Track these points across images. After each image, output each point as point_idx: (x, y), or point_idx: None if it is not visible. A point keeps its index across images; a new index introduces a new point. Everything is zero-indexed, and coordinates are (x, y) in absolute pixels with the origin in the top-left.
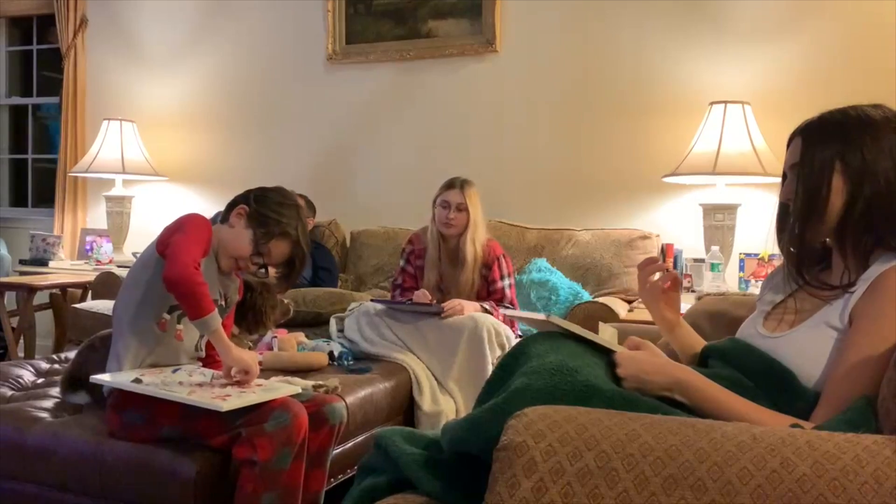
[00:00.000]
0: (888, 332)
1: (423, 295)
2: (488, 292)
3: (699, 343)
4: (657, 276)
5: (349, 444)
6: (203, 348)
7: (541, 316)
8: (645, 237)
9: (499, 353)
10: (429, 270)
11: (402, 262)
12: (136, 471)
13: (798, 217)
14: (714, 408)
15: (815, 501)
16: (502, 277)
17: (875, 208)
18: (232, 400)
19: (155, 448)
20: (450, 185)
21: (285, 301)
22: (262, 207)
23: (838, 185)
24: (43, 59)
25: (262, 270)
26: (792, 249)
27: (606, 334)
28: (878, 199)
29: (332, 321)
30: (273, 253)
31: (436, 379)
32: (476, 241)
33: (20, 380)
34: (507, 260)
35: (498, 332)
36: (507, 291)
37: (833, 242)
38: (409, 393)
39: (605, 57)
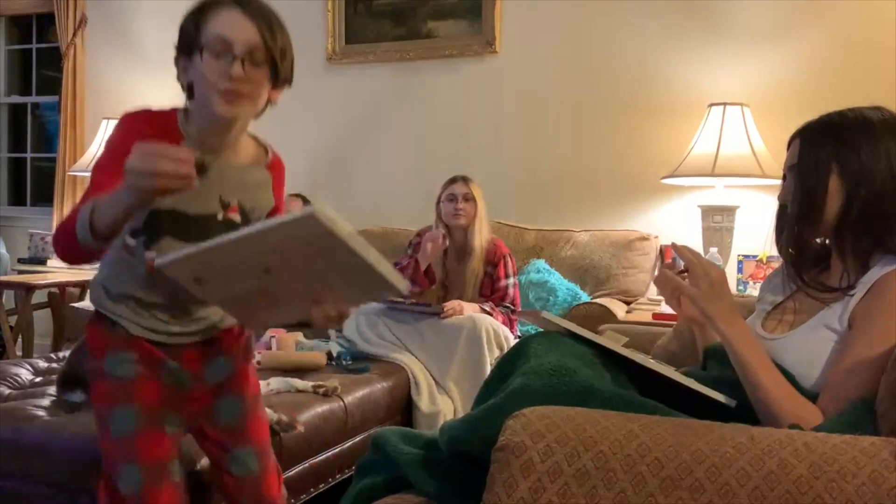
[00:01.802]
0: (888, 334)
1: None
2: (492, 290)
3: None
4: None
5: (347, 444)
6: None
7: (536, 312)
8: (643, 238)
9: (497, 353)
10: (433, 269)
11: (409, 251)
12: None
13: (795, 218)
14: (754, 363)
15: (812, 503)
16: (507, 276)
17: (872, 210)
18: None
19: None
20: (452, 180)
21: None
22: (178, 35)
23: (835, 187)
24: (42, 58)
25: (240, 66)
26: (790, 250)
27: (620, 342)
28: (875, 202)
29: None
30: (227, 35)
31: (434, 379)
32: (481, 232)
33: (18, 378)
34: (512, 260)
35: (496, 332)
36: (510, 291)
37: (832, 244)
38: (407, 393)
39: (605, 58)
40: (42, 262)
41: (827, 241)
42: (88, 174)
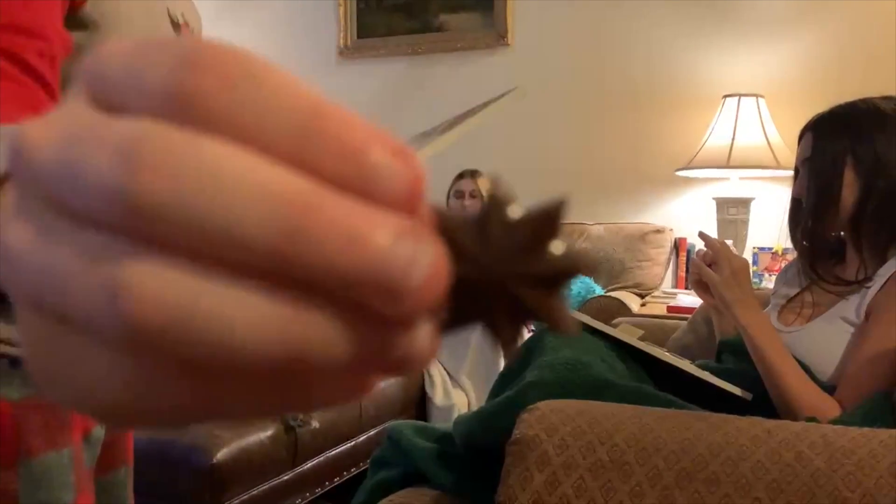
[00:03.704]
0: None
1: None
2: None
3: None
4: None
5: (362, 438)
6: None
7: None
8: (658, 231)
9: None
10: None
11: None
12: (149, 461)
13: (810, 213)
14: (771, 352)
15: (830, 496)
16: None
17: (889, 202)
18: None
19: (170, 439)
20: (460, 176)
21: None
22: None
23: (850, 180)
24: None
25: None
26: (805, 245)
27: (636, 335)
28: (891, 193)
29: None
30: None
31: (448, 373)
32: None
33: None
34: None
35: None
36: None
37: (848, 237)
38: (421, 387)
39: (618, 50)
40: None
41: (842, 234)
42: None
